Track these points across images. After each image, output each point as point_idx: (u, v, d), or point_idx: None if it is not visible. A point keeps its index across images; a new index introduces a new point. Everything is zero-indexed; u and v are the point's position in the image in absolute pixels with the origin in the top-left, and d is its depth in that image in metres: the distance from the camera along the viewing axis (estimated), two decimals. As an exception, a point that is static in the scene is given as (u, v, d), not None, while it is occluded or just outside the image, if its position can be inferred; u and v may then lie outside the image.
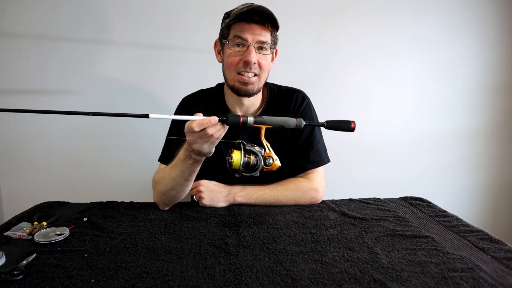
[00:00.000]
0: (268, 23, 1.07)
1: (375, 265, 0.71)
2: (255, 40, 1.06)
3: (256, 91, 1.13)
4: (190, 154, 0.95)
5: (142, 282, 0.65)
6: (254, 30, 1.06)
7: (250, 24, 1.05)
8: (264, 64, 1.09)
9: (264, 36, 1.07)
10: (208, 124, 0.85)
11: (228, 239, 0.84)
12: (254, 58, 1.05)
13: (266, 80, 1.16)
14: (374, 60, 1.77)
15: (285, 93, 1.23)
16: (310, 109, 1.23)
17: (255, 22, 1.05)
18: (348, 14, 1.72)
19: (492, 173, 1.92)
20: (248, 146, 0.87)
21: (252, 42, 1.05)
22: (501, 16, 1.76)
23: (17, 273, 0.66)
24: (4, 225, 0.92)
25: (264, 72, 1.11)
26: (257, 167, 0.85)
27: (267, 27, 1.07)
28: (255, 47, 1.06)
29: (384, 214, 1.03)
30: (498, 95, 1.84)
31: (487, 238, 0.85)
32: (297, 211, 1.05)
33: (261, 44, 1.07)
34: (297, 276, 0.67)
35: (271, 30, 1.09)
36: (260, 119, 0.88)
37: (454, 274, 0.68)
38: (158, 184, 1.07)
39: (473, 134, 1.87)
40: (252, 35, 1.05)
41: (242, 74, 1.08)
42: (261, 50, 1.08)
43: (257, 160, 0.85)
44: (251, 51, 1.05)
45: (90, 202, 1.12)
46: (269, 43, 1.09)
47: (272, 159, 0.86)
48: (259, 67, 1.08)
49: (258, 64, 1.07)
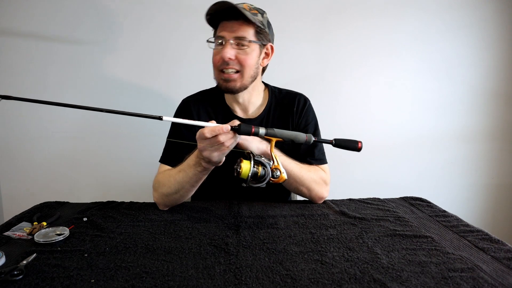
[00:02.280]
0: (241, 19, 1.05)
1: (375, 265, 0.71)
2: (231, 36, 1.06)
3: (241, 88, 1.11)
4: (200, 161, 0.95)
5: (142, 282, 0.65)
6: (231, 27, 1.06)
7: (229, 22, 1.06)
8: (244, 58, 1.07)
9: (242, 31, 1.06)
10: (220, 131, 0.86)
11: (228, 239, 0.84)
12: (227, 54, 1.05)
13: (255, 78, 1.14)
14: (374, 60, 1.77)
15: (287, 95, 1.24)
16: (312, 112, 1.24)
17: (232, 19, 1.06)
18: (348, 14, 1.72)
19: (492, 173, 1.92)
20: (257, 157, 0.87)
21: (228, 39, 1.06)
22: (501, 16, 1.77)
23: (17, 273, 0.66)
24: (4, 225, 0.92)
25: (247, 68, 1.08)
26: (265, 178, 0.85)
27: (245, 23, 1.06)
28: (232, 43, 1.06)
29: (384, 214, 1.03)
30: (498, 95, 1.84)
31: (487, 238, 0.85)
32: (297, 211, 1.05)
33: (239, 40, 1.06)
34: (297, 276, 0.67)
35: (254, 25, 1.07)
36: (271, 132, 0.89)
37: (454, 274, 0.68)
38: (161, 186, 1.07)
39: (473, 134, 1.87)
40: (229, 32, 1.06)
41: (223, 71, 1.08)
42: (242, 46, 1.07)
43: (265, 172, 0.85)
44: (225, 47, 1.05)
45: (90, 202, 1.12)
46: (249, 38, 1.07)
47: (280, 171, 0.86)
48: (240, 63, 1.07)
49: (237, 59, 1.07)
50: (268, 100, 1.22)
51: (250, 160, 0.85)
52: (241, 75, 1.09)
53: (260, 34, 1.09)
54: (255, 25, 1.07)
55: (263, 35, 1.10)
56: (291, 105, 1.21)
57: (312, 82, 1.75)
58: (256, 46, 1.09)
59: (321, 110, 1.36)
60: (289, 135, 0.90)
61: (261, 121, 1.20)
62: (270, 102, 1.22)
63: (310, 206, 1.10)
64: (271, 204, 1.11)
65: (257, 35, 1.09)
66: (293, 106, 1.21)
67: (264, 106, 1.21)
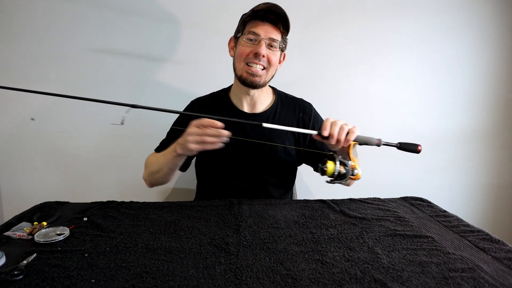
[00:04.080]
0: (280, 23, 1.15)
1: (375, 265, 0.71)
2: (267, 36, 1.14)
3: (263, 84, 1.19)
4: (176, 147, 1.04)
5: (142, 282, 0.65)
6: (267, 28, 1.14)
7: (264, 22, 1.14)
8: (273, 59, 1.17)
9: (275, 35, 1.16)
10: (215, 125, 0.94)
11: (228, 239, 0.84)
12: (264, 51, 1.13)
13: (272, 78, 1.23)
14: (374, 60, 1.77)
15: (292, 99, 1.33)
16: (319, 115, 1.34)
17: (269, 21, 1.14)
18: (348, 14, 1.72)
19: (492, 173, 1.92)
20: (340, 158, 0.96)
21: (264, 37, 1.14)
22: (501, 16, 1.76)
23: (17, 273, 0.66)
24: (4, 225, 0.91)
25: (272, 67, 1.18)
26: (346, 176, 0.94)
27: (279, 28, 1.16)
28: (266, 42, 1.14)
29: (384, 214, 1.03)
30: (498, 95, 1.84)
31: (488, 238, 0.85)
32: (298, 210, 1.05)
33: (272, 41, 1.15)
34: (298, 276, 0.67)
35: (282, 32, 1.17)
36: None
37: (454, 274, 0.68)
38: (147, 165, 1.24)
39: (473, 134, 1.87)
40: (264, 32, 1.14)
41: (251, 65, 1.15)
42: (271, 47, 1.16)
43: (346, 170, 0.94)
44: (261, 44, 1.13)
45: (90, 202, 1.12)
46: (279, 41, 1.16)
47: (357, 170, 0.95)
48: (268, 61, 1.16)
49: (267, 58, 1.15)
50: (275, 101, 1.30)
51: (335, 161, 0.94)
52: (266, 72, 1.17)
53: (284, 41, 1.20)
54: (284, 32, 1.18)
55: (284, 42, 1.21)
56: (298, 108, 1.30)
57: (312, 82, 1.75)
58: (280, 51, 1.20)
59: (321, 110, 1.36)
60: (364, 139, 1.00)
61: (267, 117, 1.26)
62: (277, 102, 1.30)
63: (310, 205, 1.10)
64: (272, 203, 1.11)
65: (282, 41, 1.19)
66: (300, 109, 1.30)
67: (271, 104, 1.29)
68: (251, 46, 1.14)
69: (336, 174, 0.94)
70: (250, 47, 1.14)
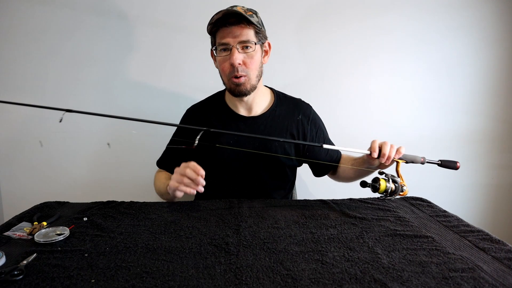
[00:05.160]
0: (244, 22, 1.10)
1: (375, 265, 0.71)
2: (236, 41, 1.10)
3: (251, 89, 1.17)
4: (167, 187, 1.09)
5: (142, 282, 0.65)
6: (234, 32, 1.10)
7: (229, 28, 1.10)
8: (250, 62, 1.13)
9: (245, 35, 1.11)
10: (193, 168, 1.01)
11: (228, 239, 0.84)
12: (237, 60, 1.10)
13: (261, 76, 1.20)
14: (373, 60, 1.77)
15: (291, 100, 1.32)
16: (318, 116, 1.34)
17: (233, 24, 1.09)
18: (347, 13, 1.72)
19: (492, 173, 1.92)
20: (390, 176, 1.03)
21: (233, 44, 1.10)
22: (501, 16, 1.76)
23: (17, 273, 0.66)
24: (4, 225, 0.91)
25: (252, 70, 1.15)
26: (395, 192, 1.02)
27: (246, 26, 1.10)
28: (238, 48, 1.11)
29: (384, 214, 1.02)
30: (498, 95, 1.84)
31: (488, 238, 0.84)
32: (298, 210, 1.05)
33: (244, 43, 1.11)
34: (298, 276, 0.67)
35: (253, 26, 1.12)
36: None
37: (454, 274, 0.68)
38: (155, 185, 1.27)
39: (473, 134, 1.87)
40: (232, 38, 1.10)
41: (234, 77, 1.13)
42: (246, 48, 1.12)
43: (396, 188, 1.02)
44: (233, 53, 1.10)
45: (90, 202, 1.12)
46: (253, 40, 1.12)
47: (405, 187, 1.03)
48: (246, 67, 1.13)
49: (243, 64, 1.13)
50: (273, 102, 1.27)
51: (387, 179, 1.02)
52: (247, 77, 1.14)
53: (259, 34, 1.14)
54: (255, 27, 1.12)
55: (261, 35, 1.15)
56: (297, 109, 1.29)
57: (312, 82, 1.75)
58: (258, 47, 1.15)
59: (321, 110, 1.36)
60: (410, 157, 1.09)
61: (265, 119, 1.24)
62: (275, 103, 1.27)
63: (310, 205, 1.10)
64: (272, 203, 1.11)
65: (257, 35, 1.14)
66: (299, 110, 1.29)
67: (269, 106, 1.27)
68: (227, 59, 1.12)
69: (388, 191, 1.01)
70: (227, 60, 1.12)
